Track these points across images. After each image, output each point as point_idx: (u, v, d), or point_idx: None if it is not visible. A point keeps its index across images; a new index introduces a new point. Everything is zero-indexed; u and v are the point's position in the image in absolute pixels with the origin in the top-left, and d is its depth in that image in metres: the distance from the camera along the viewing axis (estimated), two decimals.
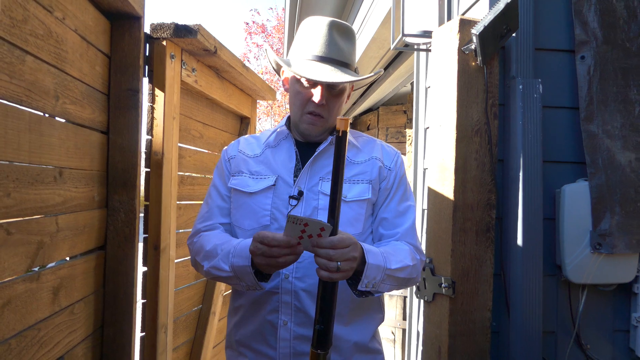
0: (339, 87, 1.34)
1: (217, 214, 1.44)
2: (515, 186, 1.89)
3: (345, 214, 1.32)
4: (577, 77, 1.95)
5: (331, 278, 1.10)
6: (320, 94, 1.30)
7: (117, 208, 1.64)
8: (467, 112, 1.91)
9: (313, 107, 1.33)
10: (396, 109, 5.44)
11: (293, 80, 1.36)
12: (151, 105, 1.87)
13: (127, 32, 1.68)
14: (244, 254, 1.22)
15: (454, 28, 1.92)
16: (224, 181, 1.45)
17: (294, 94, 1.36)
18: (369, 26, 3.64)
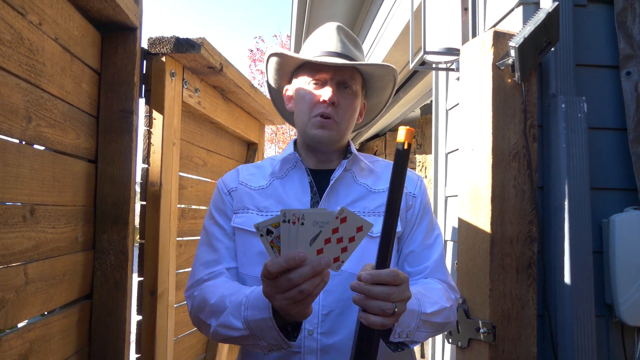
0: (352, 89, 1.15)
1: (227, 257, 1.14)
2: (559, 216, 1.60)
3: (372, 252, 1.10)
4: (623, 95, 1.67)
5: (384, 325, 0.85)
6: (330, 92, 1.11)
7: (106, 249, 1.33)
8: (503, 134, 1.63)
9: (323, 108, 1.12)
10: None
11: (300, 86, 1.17)
12: (148, 129, 1.57)
13: (121, 46, 1.39)
14: (260, 303, 0.92)
15: (488, 41, 1.65)
16: (226, 218, 1.16)
17: (300, 99, 1.16)
18: (379, 49, 3.40)
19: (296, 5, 4.20)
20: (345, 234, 0.80)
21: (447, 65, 2.16)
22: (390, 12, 3.16)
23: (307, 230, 0.79)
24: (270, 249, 0.81)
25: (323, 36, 1.20)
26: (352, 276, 1.07)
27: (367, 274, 0.85)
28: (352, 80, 1.16)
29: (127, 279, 1.34)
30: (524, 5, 1.70)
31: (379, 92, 1.30)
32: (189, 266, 1.86)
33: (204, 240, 1.19)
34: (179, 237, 1.76)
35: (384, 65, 1.18)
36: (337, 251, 0.81)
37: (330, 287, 1.06)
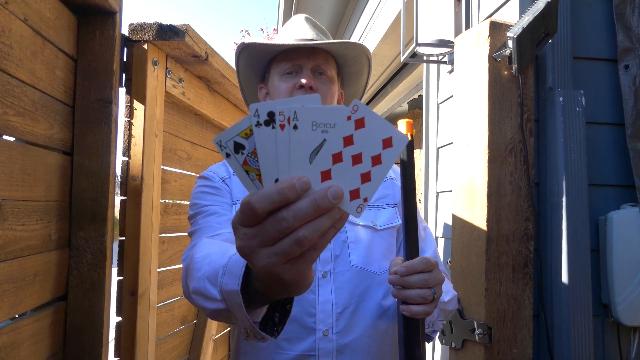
0: (328, 75, 1.11)
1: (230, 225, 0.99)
2: (556, 214, 1.54)
3: (378, 246, 1.08)
4: (621, 89, 1.62)
5: (427, 312, 0.84)
6: (307, 75, 1.06)
7: (83, 247, 1.23)
8: (499, 128, 1.57)
9: (301, 93, 1.05)
10: None
11: (274, 78, 1.12)
12: (129, 120, 1.47)
13: (99, 30, 1.29)
14: (235, 269, 0.68)
15: (484, 32, 1.57)
16: (225, 203, 1.04)
17: (276, 90, 1.10)
18: (367, 42, 3.31)
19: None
20: (364, 147, 0.49)
21: (438, 57, 2.09)
22: (379, 5, 3.07)
23: (302, 138, 0.48)
24: (244, 174, 0.51)
25: (293, 27, 1.18)
26: (362, 271, 1.03)
27: (402, 266, 0.84)
28: (327, 64, 1.11)
29: (105, 279, 1.24)
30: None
31: (355, 78, 1.27)
32: (172, 264, 1.77)
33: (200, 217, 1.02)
34: (161, 233, 1.66)
35: (357, 44, 1.13)
36: (355, 178, 0.49)
37: (341, 284, 1.00)
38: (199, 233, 0.98)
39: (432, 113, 2.27)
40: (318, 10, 3.98)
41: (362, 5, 3.55)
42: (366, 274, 1.04)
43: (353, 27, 3.82)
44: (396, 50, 3.10)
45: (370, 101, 4.15)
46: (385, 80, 3.64)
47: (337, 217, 0.49)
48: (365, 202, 0.49)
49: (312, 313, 0.98)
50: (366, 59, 1.20)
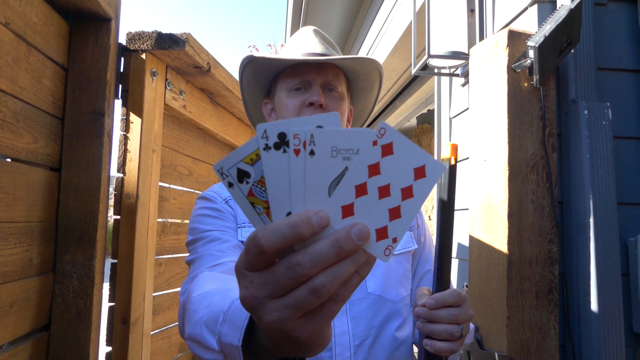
0: (338, 91, 1.03)
1: (235, 251, 0.89)
2: (583, 235, 1.42)
3: (395, 272, 1.01)
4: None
5: (452, 350, 0.78)
6: (317, 92, 0.99)
7: (69, 272, 1.11)
8: (520, 143, 1.45)
9: (311, 111, 0.98)
10: None
11: (282, 94, 1.03)
12: (124, 134, 1.36)
13: (92, 38, 1.19)
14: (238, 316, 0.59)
15: (502, 41, 1.46)
16: (228, 227, 0.93)
17: (283, 106, 1.02)
18: (376, 55, 3.22)
19: (291, 13, 4.04)
20: (393, 178, 0.41)
21: (450, 70, 1.99)
22: (388, 19, 2.99)
23: (320, 166, 0.40)
24: (249, 207, 0.42)
25: (302, 40, 1.11)
26: (380, 299, 0.95)
27: (431, 298, 0.77)
28: (337, 80, 1.04)
29: (93, 307, 1.12)
30: (538, 4, 1.53)
31: (365, 93, 1.19)
32: (169, 287, 1.64)
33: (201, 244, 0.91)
34: (158, 255, 1.54)
35: (369, 59, 1.06)
36: (382, 214, 0.41)
37: (358, 313, 0.92)
38: (199, 262, 0.87)
39: (444, 127, 2.15)
40: (326, 24, 3.91)
41: (371, 19, 3.47)
42: (384, 303, 0.96)
43: (361, 40, 3.75)
44: (405, 64, 3.01)
45: (378, 116, 4.05)
46: (394, 94, 3.54)
47: (361, 261, 0.40)
48: (395, 242, 0.41)
49: (328, 347, 0.86)
50: (377, 74, 1.12)
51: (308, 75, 1.00)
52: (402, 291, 1.01)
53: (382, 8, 3.14)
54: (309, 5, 3.63)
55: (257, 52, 1.24)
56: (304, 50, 1.07)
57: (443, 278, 0.81)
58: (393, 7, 2.89)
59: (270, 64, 1.03)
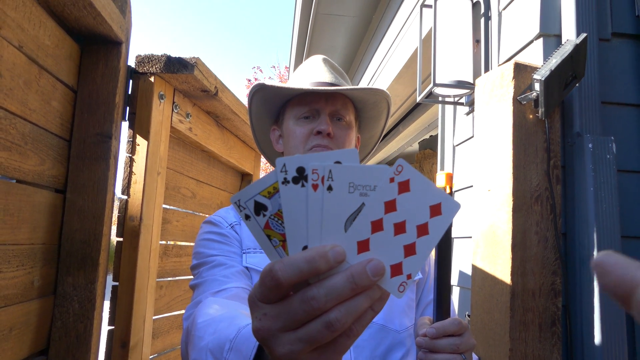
0: (345, 120, 1.03)
1: (240, 277, 0.87)
2: (587, 267, 1.40)
3: (399, 301, 0.99)
4: None
5: None
6: (325, 121, 0.99)
7: (70, 295, 1.09)
8: (525, 174, 1.44)
9: (318, 140, 0.98)
10: None
11: (290, 121, 1.04)
12: (130, 156, 1.35)
13: (102, 61, 1.19)
14: (245, 346, 0.58)
15: (508, 73, 1.47)
16: (233, 253, 0.92)
17: (291, 134, 1.02)
18: (380, 82, 3.24)
19: (296, 37, 4.07)
20: (409, 215, 0.40)
21: (455, 98, 1.99)
22: (394, 44, 3.01)
23: (337, 201, 0.40)
24: (266, 240, 0.43)
25: (311, 68, 1.11)
26: (383, 329, 0.93)
27: (432, 327, 0.75)
28: (345, 110, 1.04)
29: (93, 331, 1.09)
30: (544, 38, 1.54)
31: (373, 122, 1.20)
32: (170, 310, 1.61)
33: (206, 268, 0.90)
34: (159, 277, 1.52)
35: (378, 90, 1.07)
36: (397, 250, 0.41)
37: (361, 342, 0.90)
38: (203, 287, 0.86)
39: (447, 155, 2.15)
40: (331, 48, 3.94)
41: (376, 45, 3.50)
42: (387, 332, 0.93)
43: (366, 65, 3.77)
44: (409, 89, 3.02)
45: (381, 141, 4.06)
46: (397, 120, 3.55)
47: (376, 297, 0.40)
48: (409, 279, 0.41)
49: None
50: (385, 104, 1.12)
51: (317, 104, 1.00)
52: (406, 321, 0.99)
53: (388, 34, 3.17)
54: (315, 30, 3.66)
55: (267, 81, 1.24)
56: (313, 79, 1.07)
57: (443, 307, 0.80)
58: (398, 34, 2.92)
59: (279, 92, 1.03)
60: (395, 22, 3.02)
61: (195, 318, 0.75)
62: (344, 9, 3.37)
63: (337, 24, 3.58)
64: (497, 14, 1.81)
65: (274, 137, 1.10)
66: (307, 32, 3.82)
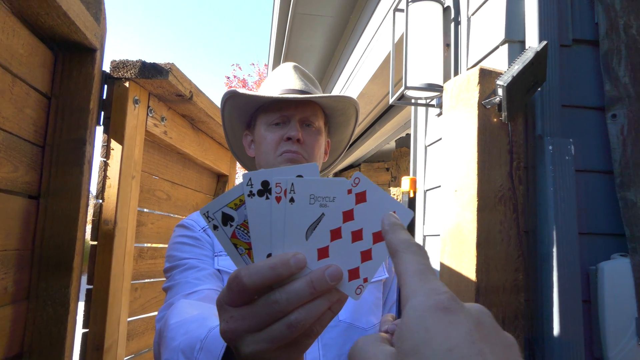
0: (315, 126, 1.07)
1: (212, 279, 0.89)
2: (547, 264, 1.47)
3: (366, 300, 1.01)
4: (610, 138, 1.57)
5: None
6: (295, 127, 1.02)
7: (44, 300, 1.11)
8: (489, 175, 1.50)
9: (288, 145, 1.02)
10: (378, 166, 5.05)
11: (261, 128, 1.07)
12: (104, 160, 1.37)
13: (76, 68, 1.20)
14: (214, 346, 0.61)
15: (473, 79, 1.53)
16: (205, 256, 0.95)
17: (262, 140, 1.05)
18: (356, 82, 3.28)
19: (274, 36, 4.09)
20: (365, 223, 0.44)
21: (427, 101, 2.05)
22: (369, 45, 3.06)
23: (299, 212, 0.44)
24: (232, 248, 0.46)
25: (281, 76, 1.14)
26: (351, 327, 0.95)
27: (394, 324, 0.73)
28: (315, 116, 1.08)
29: (67, 334, 1.11)
30: (509, 44, 1.60)
31: (342, 128, 1.24)
32: (145, 312, 1.63)
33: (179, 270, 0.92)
34: (134, 279, 1.53)
35: (346, 97, 1.11)
36: (355, 256, 0.44)
37: (329, 340, 0.92)
38: (175, 290, 0.88)
39: (419, 155, 2.20)
40: (309, 48, 3.97)
41: (352, 45, 3.54)
42: (354, 330, 0.96)
43: (343, 65, 3.81)
44: (384, 90, 3.07)
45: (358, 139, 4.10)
46: (374, 118, 3.60)
47: (334, 299, 0.43)
48: (366, 282, 0.44)
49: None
50: (354, 110, 1.16)
51: (287, 110, 1.04)
52: (373, 319, 1.01)
53: (364, 36, 3.21)
54: (293, 29, 3.68)
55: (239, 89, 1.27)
56: (283, 87, 1.10)
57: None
58: (374, 36, 2.96)
59: (251, 100, 1.06)
60: (371, 24, 3.07)
61: (167, 319, 0.78)
62: (321, 9, 3.40)
63: (315, 24, 3.61)
64: (466, 19, 1.86)
65: (246, 143, 1.13)
66: (285, 31, 3.84)
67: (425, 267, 0.36)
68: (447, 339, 0.28)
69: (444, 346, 0.27)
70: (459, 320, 0.29)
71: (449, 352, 0.27)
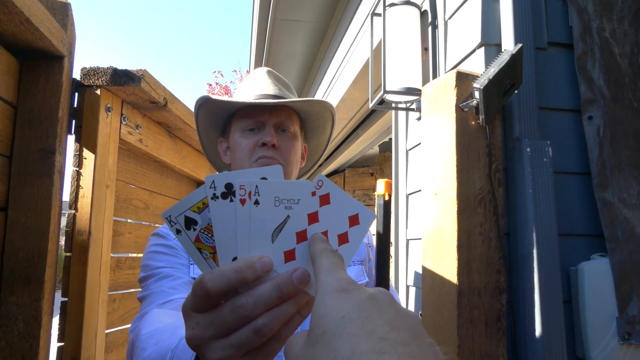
0: (290, 131, 1.06)
1: (186, 288, 0.88)
2: (528, 265, 1.47)
3: None
4: (586, 139, 1.59)
5: None
6: (270, 133, 1.01)
7: (14, 314, 1.07)
8: (468, 178, 1.50)
9: (263, 151, 1.00)
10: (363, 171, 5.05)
11: (236, 134, 1.05)
12: (77, 170, 1.34)
13: (43, 76, 1.17)
14: (186, 353, 0.62)
15: (450, 82, 1.53)
16: (180, 264, 0.94)
17: (237, 146, 1.04)
18: (338, 87, 3.28)
19: (255, 42, 4.08)
20: (330, 225, 0.44)
21: (407, 105, 2.05)
22: (349, 50, 3.06)
23: (264, 215, 0.43)
24: (196, 253, 0.45)
25: (255, 81, 1.13)
26: None
27: None
28: (290, 121, 1.07)
29: (39, 350, 1.08)
30: (485, 47, 1.61)
31: (319, 132, 1.24)
32: (124, 323, 1.59)
33: (154, 280, 0.91)
34: (112, 290, 1.50)
35: (320, 101, 1.11)
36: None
37: None
38: (150, 299, 0.87)
39: (401, 159, 2.21)
40: (289, 55, 3.97)
41: (333, 50, 3.55)
42: None
43: (324, 70, 3.81)
44: (366, 95, 3.08)
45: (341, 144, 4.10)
46: (356, 123, 3.60)
47: (302, 302, 0.43)
48: None
49: None
50: (329, 114, 1.16)
51: (261, 116, 1.03)
52: None
53: (344, 40, 3.22)
54: (273, 35, 3.67)
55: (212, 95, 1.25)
56: (257, 92, 1.09)
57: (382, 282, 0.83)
58: (354, 40, 2.97)
59: (224, 105, 1.05)
60: (351, 29, 3.07)
61: (139, 330, 0.77)
62: (301, 15, 3.40)
63: (295, 30, 3.61)
64: (443, 23, 1.87)
65: (221, 149, 1.12)
66: (265, 37, 3.83)
67: (335, 265, 0.39)
68: (341, 309, 0.33)
69: (338, 315, 0.32)
70: (352, 296, 0.34)
71: (341, 319, 0.32)
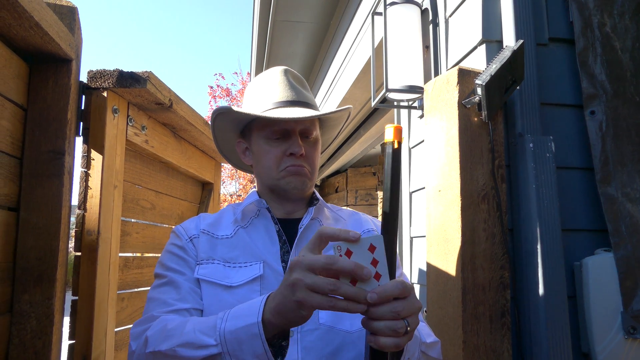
0: (313, 136, 1.09)
1: (193, 298, 0.96)
2: (532, 260, 1.49)
3: None
4: (589, 135, 1.60)
5: (398, 346, 0.70)
6: (298, 144, 1.04)
7: (27, 313, 1.10)
8: (471, 174, 1.53)
9: (292, 160, 1.04)
10: (365, 171, 5.08)
11: (260, 141, 1.08)
12: (85, 171, 1.37)
13: (52, 78, 1.21)
14: (246, 311, 0.79)
15: (453, 79, 1.55)
16: (188, 267, 1.00)
17: (264, 154, 1.07)
18: (339, 86, 3.31)
19: (256, 44, 4.11)
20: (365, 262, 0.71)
21: (409, 103, 2.07)
22: (351, 50, 3.09)
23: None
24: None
25: (272, 84, 1.13)
26: (331, 330, 0.96)
27: (373, 292, 0.70)
28: (313, 126, 1.10)
29: (52, 347, 1.11)
30: (487, 44, 1.63)
31: (332, 129, 1.27)
32: (132, 322, 1.62)
33: (159, 284, 0.99)
34: (121, 289, 1.53)
35: (344, 109, 1.14)
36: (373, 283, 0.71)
37: (309, 344, 0.94)
38: (154, 304, 0.95)
39: (404, 157, 2.23)
40: (290, 55, 4.00)
41: (334, 51, 3.58)
42: (336, 333, 0.96)
43: (326, 71, 3.84)
44: (367, 94, 3.10)
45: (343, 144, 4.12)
46: (358, 123, 3.63)
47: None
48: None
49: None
50: (347, 114, 1.20)
51: (287, 125, 1.04)
52: (358, 322, 0.99)
53: (345, 40, 3.25)
54: (274, 37, 3.71)
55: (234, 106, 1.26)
56: (276, 99, 1.09)
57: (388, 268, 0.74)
58: (355, 40, 3.00)
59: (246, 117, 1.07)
60: (351, 28, 3.10)
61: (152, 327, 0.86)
62: (301, 16, 3.43)
63: (295, 31, 3.64)
64: (444, 21, 1.89)
65: (240, 149, 1.14)
66: (266, 39, 3.86)
67: None
68: None
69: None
70: None
71: None
